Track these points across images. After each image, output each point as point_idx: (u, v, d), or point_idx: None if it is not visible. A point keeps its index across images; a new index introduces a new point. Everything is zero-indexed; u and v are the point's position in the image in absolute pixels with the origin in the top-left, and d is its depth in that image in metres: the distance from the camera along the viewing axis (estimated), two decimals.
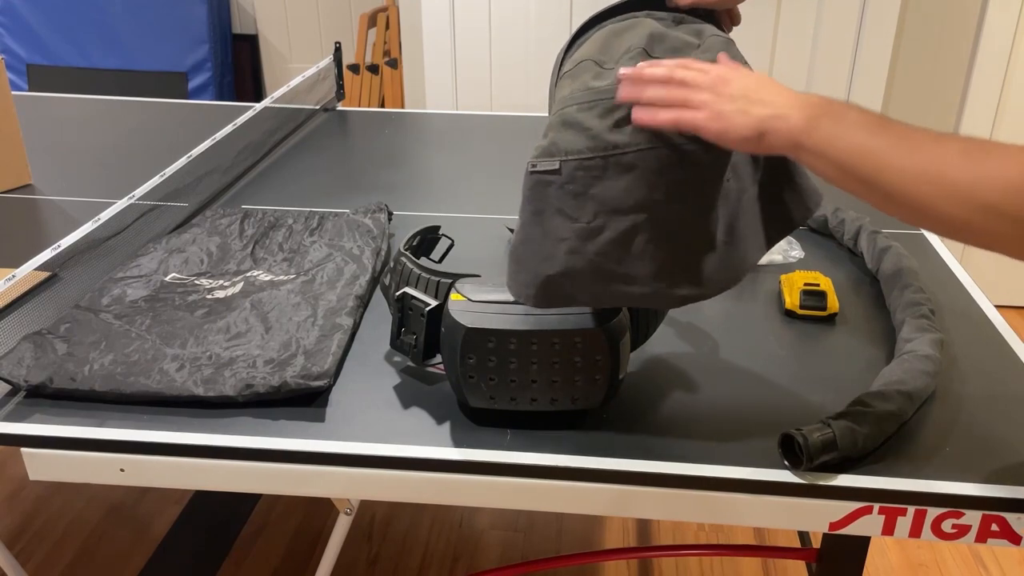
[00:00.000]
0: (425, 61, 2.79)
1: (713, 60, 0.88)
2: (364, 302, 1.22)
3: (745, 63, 0.92)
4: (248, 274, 1.27)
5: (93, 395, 1.01)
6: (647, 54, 0.90)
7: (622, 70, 0.86)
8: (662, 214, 0.86)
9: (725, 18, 1.03)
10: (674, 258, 0.88)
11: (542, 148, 0.88)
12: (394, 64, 3.33)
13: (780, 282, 1.29)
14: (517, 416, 0.99)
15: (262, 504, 2.09)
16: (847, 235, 1.41)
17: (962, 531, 0.90)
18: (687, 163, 0.85)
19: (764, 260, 1.36)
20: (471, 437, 0.97)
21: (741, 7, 1.04)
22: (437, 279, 1.00)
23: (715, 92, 0.83)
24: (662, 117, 0.83)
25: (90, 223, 1.34)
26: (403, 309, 1.01)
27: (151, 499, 2.10)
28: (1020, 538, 0.90)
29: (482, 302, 0.94)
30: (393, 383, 1.06)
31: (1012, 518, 0.89)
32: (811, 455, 0.89)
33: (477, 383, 0.95)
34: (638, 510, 0.94)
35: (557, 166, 0.86)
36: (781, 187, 0.95)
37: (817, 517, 0.91)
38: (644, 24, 0.93)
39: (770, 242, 0.96)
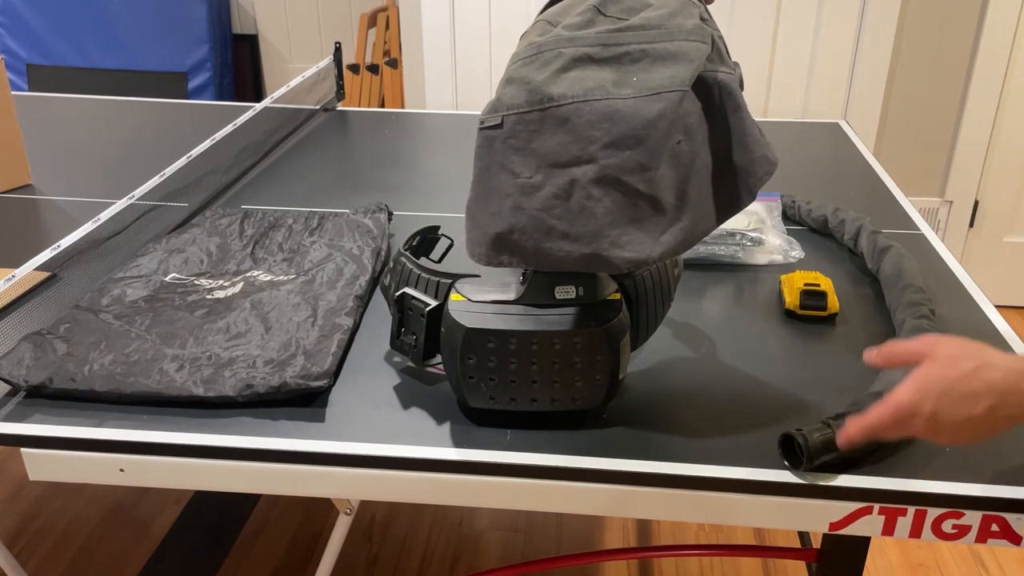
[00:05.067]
0: (425, 61, 2.79)
1: (669, 14, 0.88)
2: (364, 302, 1.22)
3: (708, 20, 0.91)
4: (248, 274, 1.27)
5: (93, 395, 1.01)
6: (600, 12, 0.90)
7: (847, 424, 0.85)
8: (600, 169, 0.86)
9: None
10: (615, 217, 0.87)
11: (488, 105, 0.89)
12: (394, 64, 3.33)
13: (780, 282, 1.29)
14: (517, 416, 0.99)
15: (262, 504, 2.09)
16: (847, 235, 1.41)
17: (962, 531, 0.90)
18: (621, 118, 0.85)
19: (764, 260, 1.36)
20: (471, 437, 0.97)
21: (741, 6, 1.04)
22: (437, 279, 1.00)
23: (946, 438, 0.81)
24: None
25: (90, 223, 1.34)
26: (403, 309, 1.01)
27: (151, 499, 2.10)
28: (1020, 538, 0.90)
29: (482, 302, 0.94)
30: (393, 383, 1.06)
31: (1012, 518, 0.89)
32: (811, 455, 0.89)
33: (477, 383, 0.95)
34: (638, 510, 0.94)
35: (499, 120, 0.88)
36: (733, 154, 0.93)
37: (817, 517, 0.91)
38: None
39: (725, 213, 0.94)
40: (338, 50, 2.20)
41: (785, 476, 0.91)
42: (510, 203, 0.88)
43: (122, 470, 0.97)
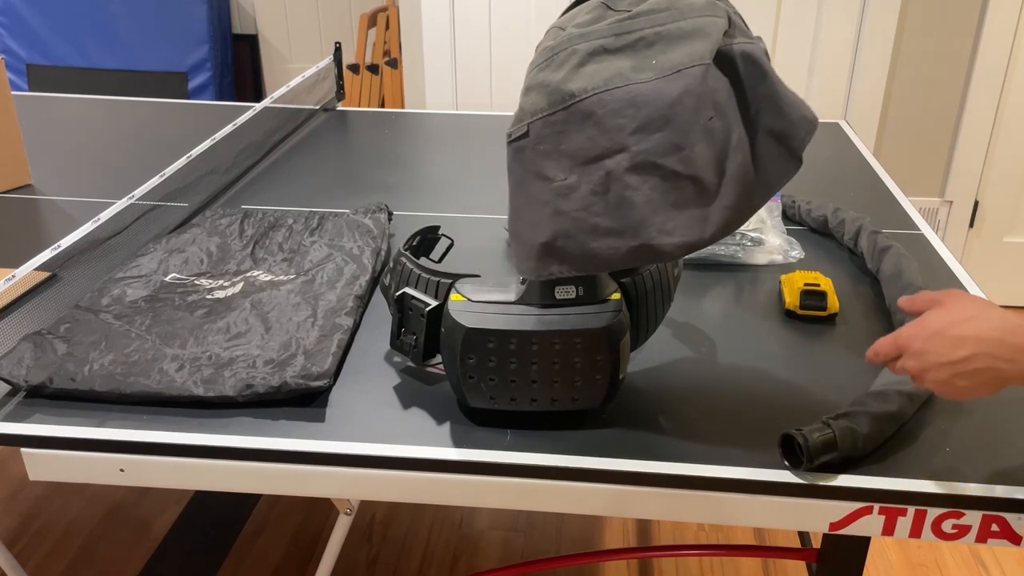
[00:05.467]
0: (425, 61, 2.79)
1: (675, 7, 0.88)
2: (364, 302, 1.22)
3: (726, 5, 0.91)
4: (248, 274, 1.27)
5: (93, 395, 1.01)
6: (608, 7, 0.90)
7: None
8: (633, 156, 0.85)
9: None
10: (657, 203, 0.86)
11: (513, 118, 0.89)
12: (394, 64, 3.33)
13: (780, 282, 1.29)
14: (517, 416, 0.99)
15: (262, 504, 2.09)
16: (847, 235, 1.41)
17: (962, 531, 0.90)
18: (644, 101, 0.84)
19: (764, 260, 1.36)
20: (471, 437, 0.97)
21: (741, 7, 1.04)
22: (437, 279, 1.00)
23: (930, 379, 0.85)
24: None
25: (90, 223, 1.34)
26: (403, 309, 1.01)
27: (151, 499, 2.10)
28: (1020, 538, 0.90)
29: (482, 302, 0.94)
30: (393, 383, 1.06)
31: (1012, 518, 0.89)
32: (811, 455, 0.89)
33: (477, 383, 0.95)
34: (638, 510, 0.94)
35: (526, 129, 0.87)
36: (770, 121, 0.90)
37: (817, 517, 0.91)
38: None
39: (774, 182, 0.91)
40: (338, 50, 2.20)
41: (785, 476, 0.91)
42: (549, 210, 0.87)
43: (122, 470, 0.97)
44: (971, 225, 2.85)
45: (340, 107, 2.19)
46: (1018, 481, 0.90)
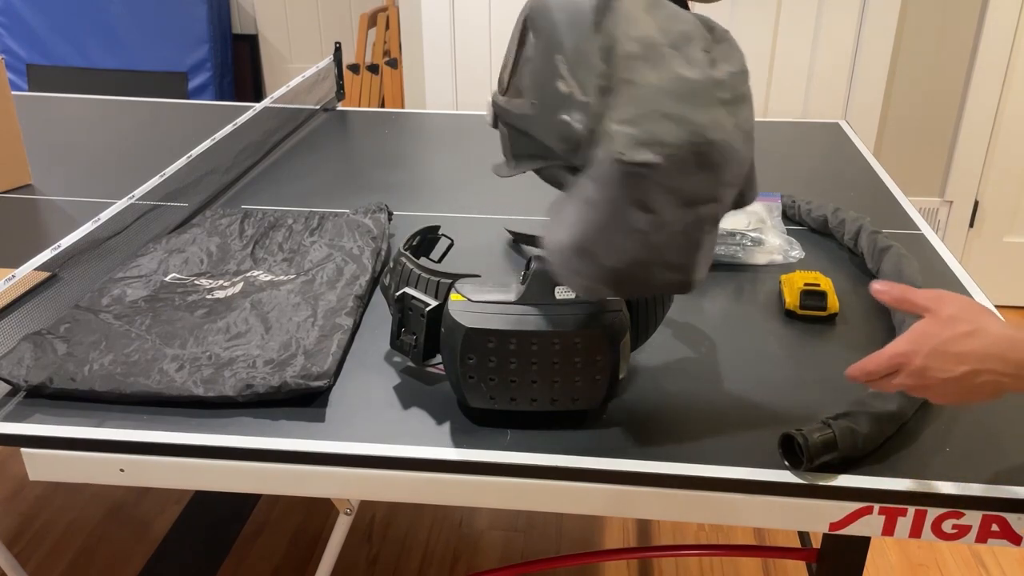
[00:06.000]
0: (425, 61, 2.79)
1: (739, 57, 0.90)
2: (364, 302, 1.22)
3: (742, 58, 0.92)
4: (248, 274, 1.27)
5: (93, 395, 1.01)
6: (706, 51, 0.90)
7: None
8: (719, 208, 0.90)
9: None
10: (706, 249, 0.91)
11: (632, 138, 0.84)
12: (394, 64, 3.33)
13: (780, 282, 1.29)
14: (517, 416, 0.99)
15: (262, 504, 2.09)
16: (847, 235, 1.41)
17: (962, 531, 0.90)
18: (738, 160, 0.88)
19: (764, 260, 1.36)
20: (471, 437, 0.97)
21: (741, 7, 1.03)
22: (437, 279, 1.00)
23: (933, 394, 0.85)
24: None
25: (90, 223, 1.34)
26: (403, 309, 1.01)
27: (151, 499, 2.10)
28: (1020, 538, 0.90)
29: (482, 302, 0.94)
30: (393, 383, 1.06)
31: (1012, 518, 0.89)
32: (811, 455, 0.89)
33: (477, 383, 0.95)
34: (638, 510, 0.94)
35: (659, 160, 0.84)
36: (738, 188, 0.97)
37: (817, 517, 0.91)
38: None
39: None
40: (338, 50, 2.20)
41: (785, 476, 0.91)
42: (639, 239, 0.87)
43: (122, 470, 0.97)
44: (971, 225, 2.85)
45: (340, 107, 2.19)
46: (1018, 481, 0.90)
